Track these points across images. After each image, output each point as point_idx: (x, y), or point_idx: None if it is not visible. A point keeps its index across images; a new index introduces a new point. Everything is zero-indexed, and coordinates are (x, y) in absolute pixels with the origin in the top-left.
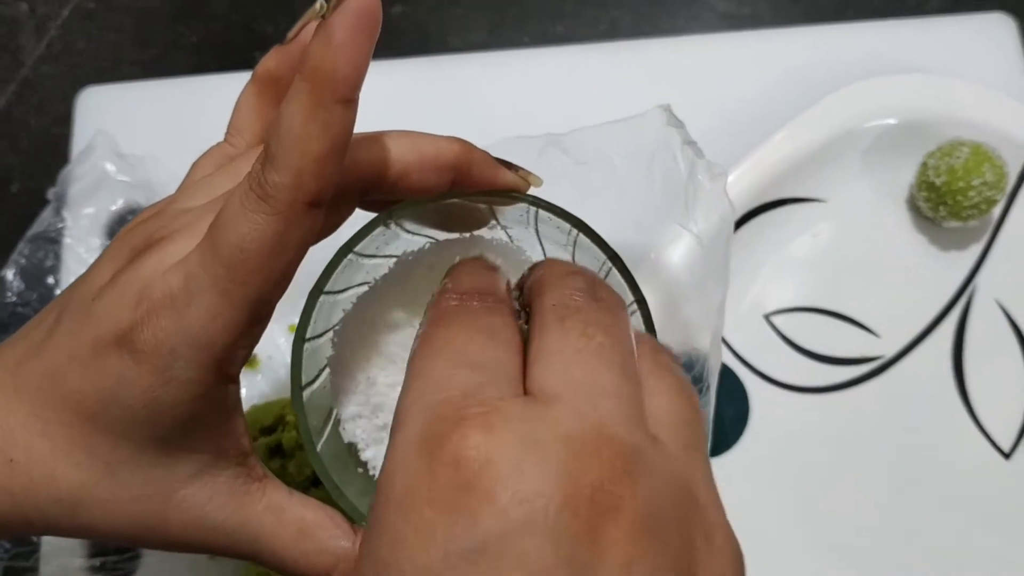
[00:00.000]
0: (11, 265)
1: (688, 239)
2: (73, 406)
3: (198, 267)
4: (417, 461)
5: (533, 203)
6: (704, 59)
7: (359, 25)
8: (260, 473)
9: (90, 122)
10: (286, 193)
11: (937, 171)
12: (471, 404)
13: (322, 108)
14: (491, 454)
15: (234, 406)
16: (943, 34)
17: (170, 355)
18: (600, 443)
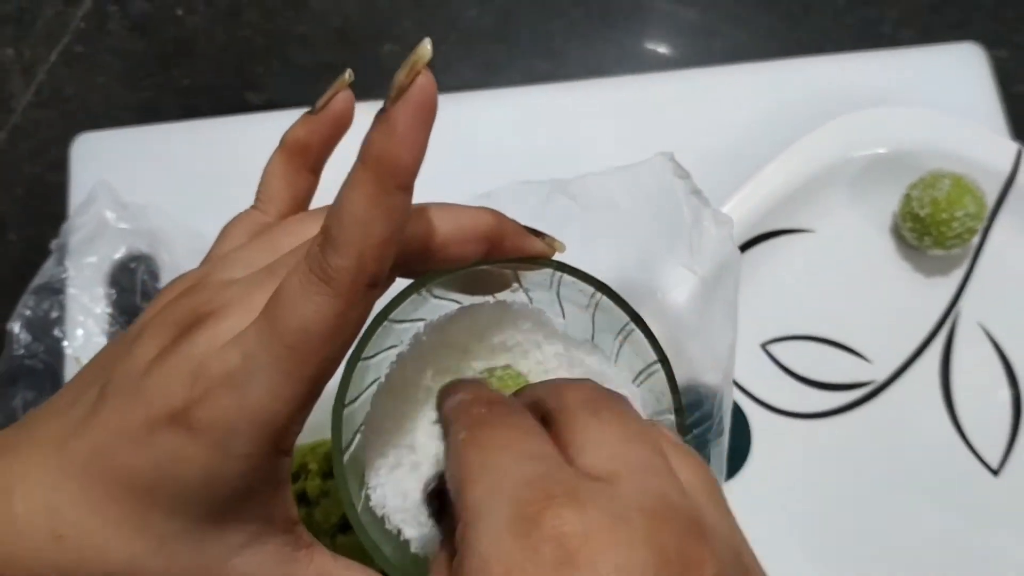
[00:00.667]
0: (17, 318)
1: (693, 281)
2: (124, 482)
3: (257, 346)
4: (513, 543)
5: (558, 268)
6: (689, 93)
7: (418, 116)
8: (307, 540)
9: (86, 169)
10: (348, 276)
11: (921, 203)
12: (553, 486)
13: (384, 195)
14: (587, 528)
15: (285, 478)
16: (917, 65)
17: (229, 432)
18: (669, 512)
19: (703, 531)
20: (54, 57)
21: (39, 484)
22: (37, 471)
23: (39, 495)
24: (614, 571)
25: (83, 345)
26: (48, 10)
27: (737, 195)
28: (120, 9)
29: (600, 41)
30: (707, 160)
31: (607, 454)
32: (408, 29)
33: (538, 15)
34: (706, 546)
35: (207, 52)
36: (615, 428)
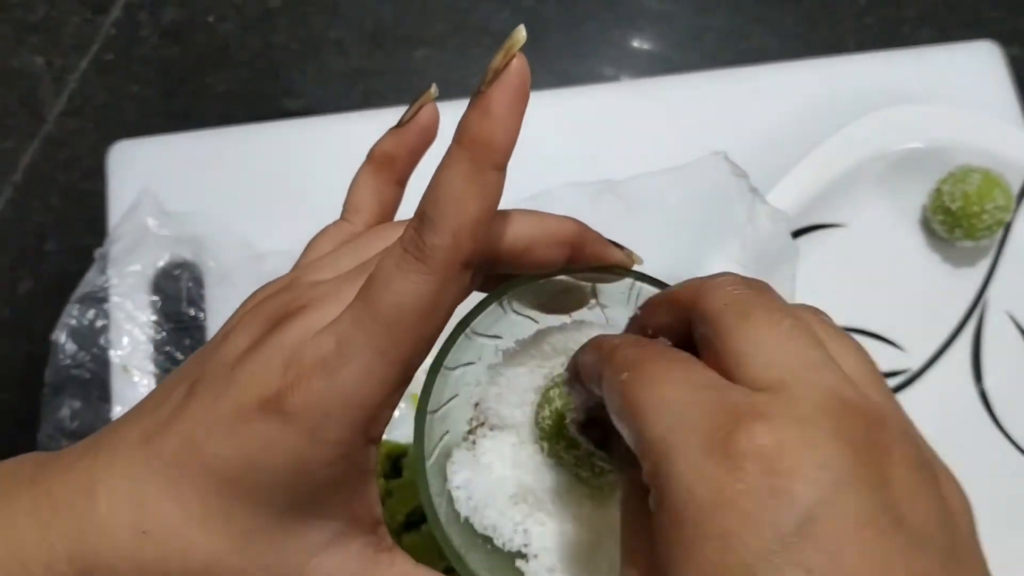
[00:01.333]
0: (62, 327)
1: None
2: (212, 473)
3: (352, 329)
4: (715, 468)
5: (638, 278)
6: (719, 93)
7: (514, 98)
8: (389, 543)
9: (123, 177)
10: (444, 253)
11: (952, 196)
12: (734, 407)
13: (479, 173)
14: (780, 438)
15: (372, 470)
16: (936, 63)
17: (322, 416)
18: (845, 406)
19: (882, 418)
20: (84, 65)
21: (124, 479)
22: (122, 467)
23: (124, 490)
24: (818, 469)
25: (129, 353)
26: (75, 18)
27: (771, 193)
28: (151, 16)
29: (627, 44)
30: (737, 158)
31: (765, 361)
32: (441, 33)
33: (568, 19)
34: (888, 431)
35: (241, 58)
36: (767, 330)
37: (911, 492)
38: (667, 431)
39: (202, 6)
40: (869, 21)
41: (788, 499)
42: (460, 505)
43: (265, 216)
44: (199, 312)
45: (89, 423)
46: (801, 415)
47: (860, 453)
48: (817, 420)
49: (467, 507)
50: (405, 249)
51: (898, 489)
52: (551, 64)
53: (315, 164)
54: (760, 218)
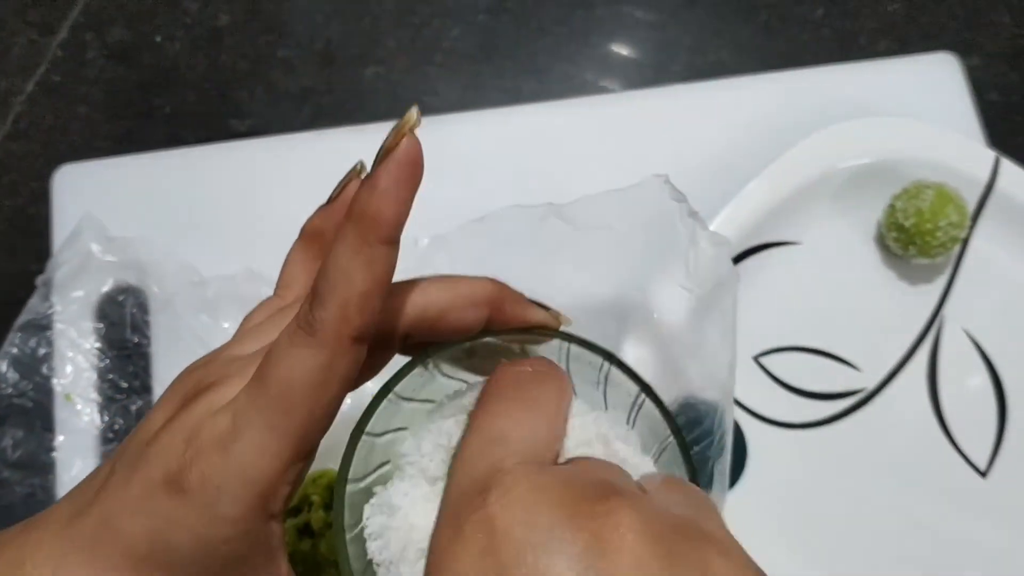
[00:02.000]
0: (3, 356)
1: (690, 300)
2: (124, 550)
3: (245, 404)
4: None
5: (566, 339)
6: (674, 109)
7: (402, 175)
8: None
9: (69, 201)
10: (332, 326)
11: (905, 213)
12: (492, 475)
13: (367, 246)
14: (505, 503)
15: (278, 546)
16: (894, 75)
17: (216, 492)
18: (601, 485)
19: (634, 498)
20: (31, 87)
21: (49, 557)
22: (48, 545)
23: (47, 568)
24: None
25: (73, 381)
26: (21, 39)
27: (724, 210)
28: (97, 37)
29: (583, 59)
30: (692, 175)
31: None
32: (392, 51)
33: (521, 34)
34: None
35: (188, 79)
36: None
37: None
38: (447, 489)
39: (149, 26)
40: (826, 33)
41: (491, 555)
42: (374, 557)
43: (210, 239)
44: (143, 339)
45: (32, 452)
46: (541, 484)
47: (576, 517)
48: (554, 489)
49: (380, 560)
50: (298, 325)
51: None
52: (504, 81)
53: (262, 186)
54: (701, 242)
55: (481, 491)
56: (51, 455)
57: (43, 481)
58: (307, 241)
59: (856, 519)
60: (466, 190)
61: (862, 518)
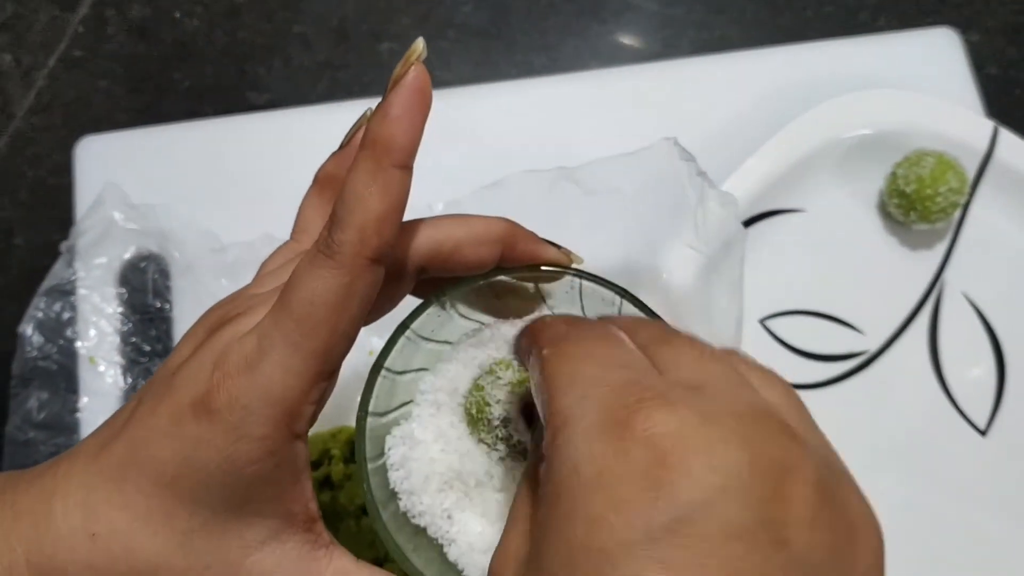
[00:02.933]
0: (29, 320)
1: (698, 259)
2: (153, 475)
3: (270, 326)
4: (605, 446)
5: (577, 275)
6: (681, 82)
7: (411, 101)
8: (327, 540)
9: (91, 171)
10: (350, 248)
11: (906, 180)
12: (643, 390)
13: (381, 171)
14: (679, 429)
15: (303, 468)
16: (895, 49)
17: (243, 411)
18: (762, 418)
19: (796, 435)
20: (52, 62)
21: (79, 486)
22: (78, 475)
23: (77, 497)
24: (708, 472)
25: (96, 345)
26: (43, 16)
27: (730, 179)
28: (118, 13)
29: (592, 35)
30: (699, 146)
31: (692, 368)
32: (406, 27)
33: (532, 11)
34: (801, 449)
35: (207, 54)
36: (693, 351)
37: (806, 516)
38: (572, 404)
39: (168, 3)
40: (829, 10)
41: (668, 494)
42: (396, 487)
43: (229, 208)
44: (165, 303)
45: (56, 414)
46: (709, 412)
47: (759, 464)
48: (725, 421)
49: (402, 489)
50: (317, 249)
51: (793, 509)
52: (515, 56)
53: (279, 157)
54: (709, 202)
55: (638, 403)
56: (75, 416)
57: (67, 441)
58: (321, 186)
59: (858, 477)
60: (479, 158)
61: (864, 475)
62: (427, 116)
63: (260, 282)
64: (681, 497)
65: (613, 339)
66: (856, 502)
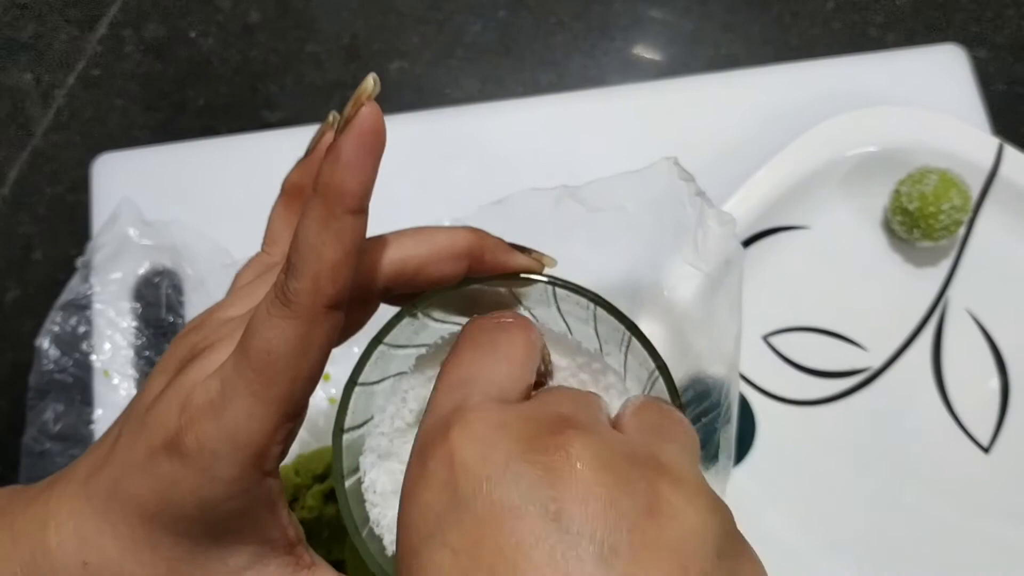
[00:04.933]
0: (45, 334)
1: (698, 278)
2: (135, 508)
3: (232, 372)
4: (416, 469)
5: (550, 283)
6: (687, 99)
7: (363, 144)
8: (308, 561)
9: (107, 188)
10: (306, 298)
11: (909, 197)
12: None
13: (333, 219)
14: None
15: (277, 498)
16: (902, 66)
17: (212, 456)
18: (559, 422)
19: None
20: (72, 81)
21: (70, 513)
22: (69, 503)
23: (70, 525)
24: (481, 461)
25: (111, 358)
26: (63, 35)
27: (735, 196)
28: (135, 33)
29: (600, 53)
30: (705, 163)
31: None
32: (415, 46)
33: (540, 29)
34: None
35: (221, 73)
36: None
37: (583, 491)
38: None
39: (184, 23)
40: (836, 26)
41: (451, 489)
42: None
43: (241, 224)
44: (178, 318)
45: (72, 426)
46: (501, 421)
47: (530, 451)
48: (513, 426)
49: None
50: (275, 295)
51: (566, 487)
52: (523, 74)
53: None
54: (708, 221)
55: (444, 428)
56: (90, 427)
57: (82, 452)
58: (288, 196)
59: (861, 494)
60: (486, 175)
61: (867, 493)
62: (380, 156)
63: (232, 300)
64: (461, 488)
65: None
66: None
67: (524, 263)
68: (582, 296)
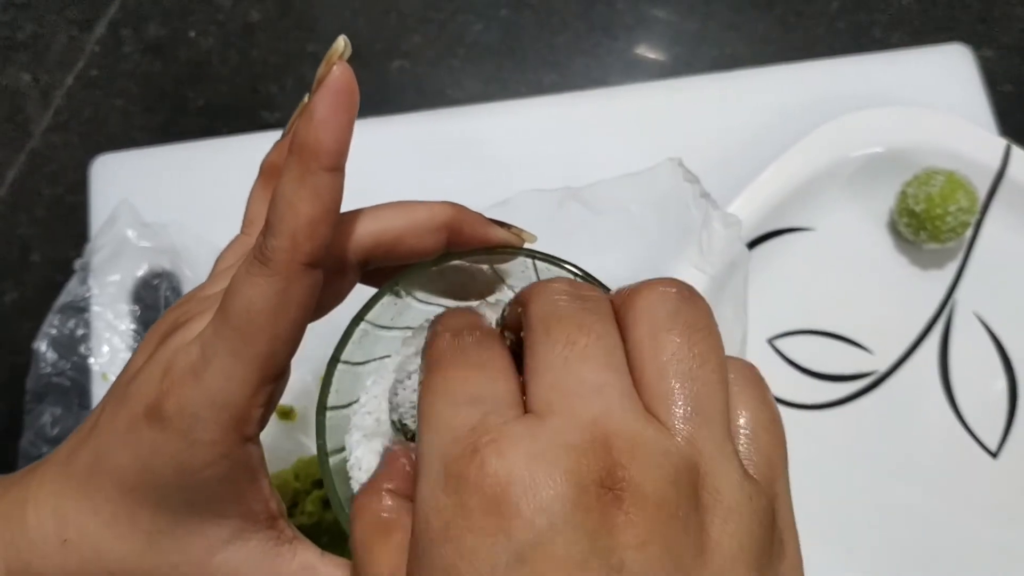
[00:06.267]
0: (43, 337)
1: (704, 280)
2: (116, 481)
3: (212, 335)
4: (446, 499)
5: (529, 255)
6: (691, 99)
7: (336, 102)
8: (290, 535)
9: (106, 189)
10: (283, 255)
11: (916, 199)
12: (480, 435)
13: (309, 175)
14: (508, 475)
15: (258, 467)
16: (908, 66)
17: (192, 418)
18: (595, 441)
19: (628, 455)
20: (70, 81)
21: (49, 493)
22: (49, 482)
23: (49, 504)
24: (536, 511)
25: (109, 361)
26: (62, 36)
27: (740, 197)
28: (134, 33)
29: (603, 52)
30: (709, 164)
31: (549, 382)
32: (417, 45)
33: (542, 29)
34: (629, 471)
35: (221, 73)
36: (561, 350)
37: (635, 539)
38: (424, 450)
39: (184, 23)
40: (841, 26)
41: (505, 537)
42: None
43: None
44: None
45: (69, 429)
46: (538, 451)
47: (584, 497)
48: (552, 457)
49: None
50: (253, 255)
51: (621, 536)
52: (525, 74)
53: None
54: (713, 223)
55: (474, 456)
56: None
57: None
58: (265, 178)
59: (868, 497)
60: (488, 177)
61: (874, 496)
62: (355, 115)
63: (213, 281)
64: (515, 540)
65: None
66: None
67: (503, 236)
68: (563, 268)
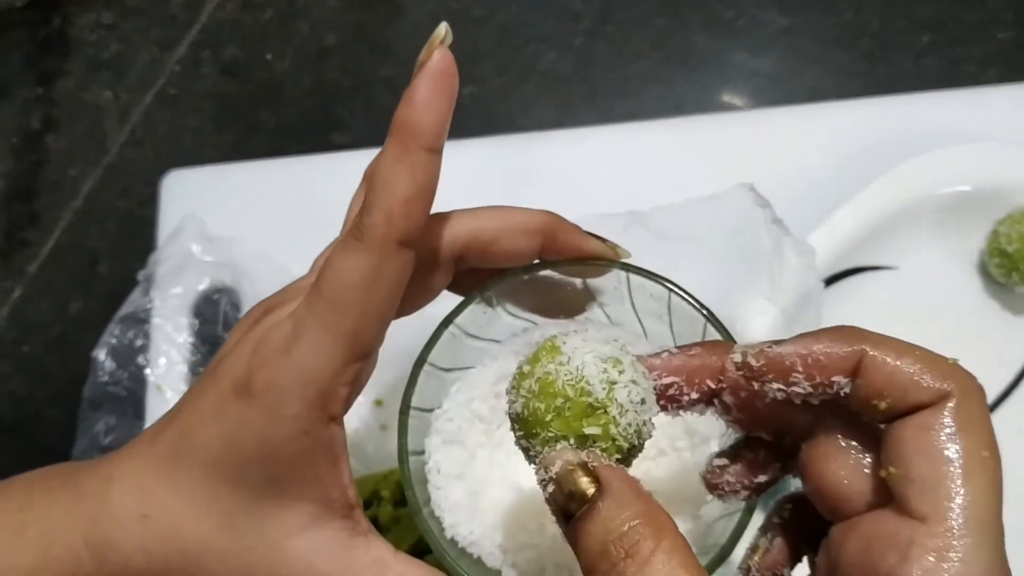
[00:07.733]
0: (102, 346)
1: (773, 312)
2: (199, 458)
3: (304, 310)
4: None
5: (623, 268)
6: (769, 131)
7: (435, 84)
8: (365, 527)
9: (175, 204)
10: (378, 231)
11: (1009, 238)
12: None
13: (407, 154)
14: None
15: (340, 451)
16: (1000, 102)
17: (279, 392)
18: None
19: None
20: (149, 99)
21: (133, 471)
22: (134, 460)
23: (132, 481)
24: None
25: (165, 373)
26: (144, 55)
27: (818, 231)
28: (213, 54)
29: (678, 83)
30: (789, 198)
31: None
32: (488, 72)
33: (616, 58)
34: None
35: (294, 95)
36: None
37: None
38: None
39: (262, 46)
40: (931, 61)
41: None
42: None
43: (305, 245)
44: None
45: (122, 439)
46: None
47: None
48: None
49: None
50: (348, 233)
51: None
52: (597, 102)
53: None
54: (785, 251)
55: None
56: None
57: None
58: None
59: None
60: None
61: None
62: (454, 98)
63: (309, 274)
64: None
65: None
66: None
67: (598, 247)
68: (656, 282)
